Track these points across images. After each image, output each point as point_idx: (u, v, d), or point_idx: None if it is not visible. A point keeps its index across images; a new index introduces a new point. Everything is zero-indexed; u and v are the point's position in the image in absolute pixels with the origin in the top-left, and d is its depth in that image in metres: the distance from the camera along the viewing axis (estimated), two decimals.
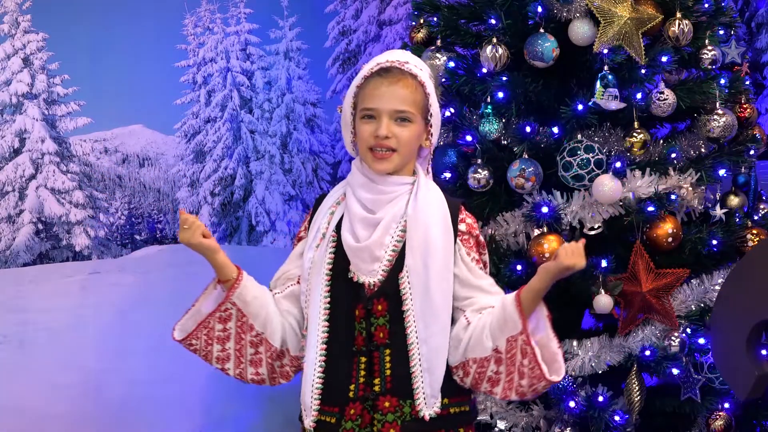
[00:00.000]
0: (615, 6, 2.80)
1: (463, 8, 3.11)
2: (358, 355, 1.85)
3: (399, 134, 1.86)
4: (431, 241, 1.86)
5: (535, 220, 2.82)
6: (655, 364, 2.82)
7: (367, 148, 1.87)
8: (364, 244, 1.85)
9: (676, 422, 2.98)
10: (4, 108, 12.36)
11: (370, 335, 1.85)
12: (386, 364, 1.84)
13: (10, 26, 12.12)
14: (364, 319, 1.86)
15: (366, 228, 1.87)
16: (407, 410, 1.83)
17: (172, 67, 12.41)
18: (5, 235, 11.99)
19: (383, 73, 1.88)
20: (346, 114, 1.93)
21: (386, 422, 1.83)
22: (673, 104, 2.88)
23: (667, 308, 2.79)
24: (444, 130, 3.06)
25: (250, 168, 12.45)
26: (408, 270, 1.85)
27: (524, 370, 1.82)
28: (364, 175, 1.90)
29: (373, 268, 1.85)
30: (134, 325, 5.68)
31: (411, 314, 1.84)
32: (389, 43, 12.49)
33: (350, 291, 1.86)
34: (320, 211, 1.96)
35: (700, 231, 2.90)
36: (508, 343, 1.83)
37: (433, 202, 1.90)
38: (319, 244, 1.90)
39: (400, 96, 1.86)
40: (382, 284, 1.85)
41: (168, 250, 10.72)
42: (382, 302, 1.85)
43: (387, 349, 1.85)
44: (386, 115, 1.86)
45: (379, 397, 1.84)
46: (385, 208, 1.88)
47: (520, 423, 2.89)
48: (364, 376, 1.85)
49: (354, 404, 1.84)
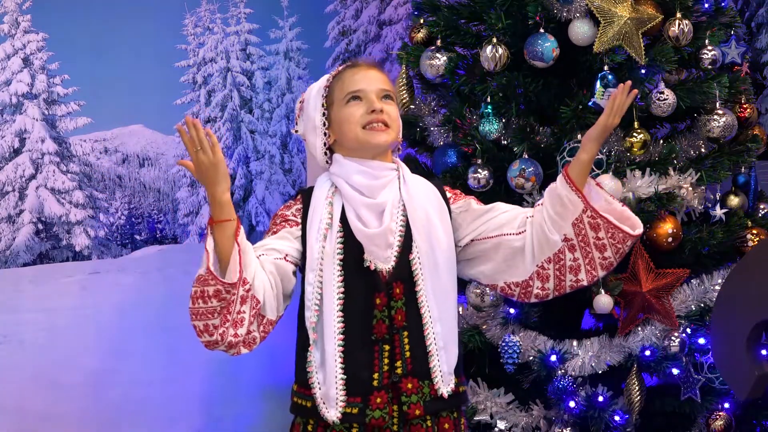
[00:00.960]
0: (615, 6, 2.80)
1: (463, 8, 3.11)
2: (380, 343, 1.87)
3: (388, 110, 1.93)
4: (432, 221, 1.91)
5: None
6: (655, 364, 2.82)
7: (360, 127, 1.91)
8: (380, 230, 1.86)
9: (676, 422, 2.98)
10: (4, 108, 12.37)
11: (392, 320, 1.87)
12: (405, 347, 1.87)
13: (10, 26, 12.12)
14: (386, 306, 1.87)
15: (372, 213, 1.89)
16: (426, 390, 1.87)
17: (172, 67, 12.41)
18: (5, 235, 11.99)
19: (355, 64, 1.98)
20: (315, 118, 1.97)
21: (411, 403, 1.86)
22: (673, 104, 2.88)
23: (667, 308, 2.79)
24: (444, 130, 3.06)
25: (250, 168, 12.46)
26: (418, 251, 1.88)
27: (603, 243, 1.88)
28: (357, 163, 1.93)
29: (387, 254, 1.87)
30: (134, 325, 5.69)
31: (424, 294, 1.87)
32: (389, 43, 12.49)
33: (366, 280, 1.87)
34: (315, 201, 1.94)
35: (700, 231, 2.90)
36: (575, 227, 1.88)
37: (422, 185, 1.97)
38: (326, 234, 1.89)
39: (380, 77, 1.96)
40: (395, 268, 1.87)
41: (168, 250, 10.73)
42: (399, 285, 1.88)
43: (405, 332, 1.87)
44: (373, 93, 1.92)
45: (402, 380, 1.86)
46: (382, 193, 1.91)
47: (520, 423, 2.89)
48: (387, 363, 1.86)
49: (379, 393, 1.85)
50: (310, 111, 1.98)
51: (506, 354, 2.84)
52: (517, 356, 2.84)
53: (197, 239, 13.59)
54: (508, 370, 2.86)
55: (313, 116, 1.97)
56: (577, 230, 1.88)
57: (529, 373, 2.91)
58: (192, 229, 13.13)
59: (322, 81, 2.00)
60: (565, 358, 2.83)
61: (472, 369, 2.95)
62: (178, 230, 13.73)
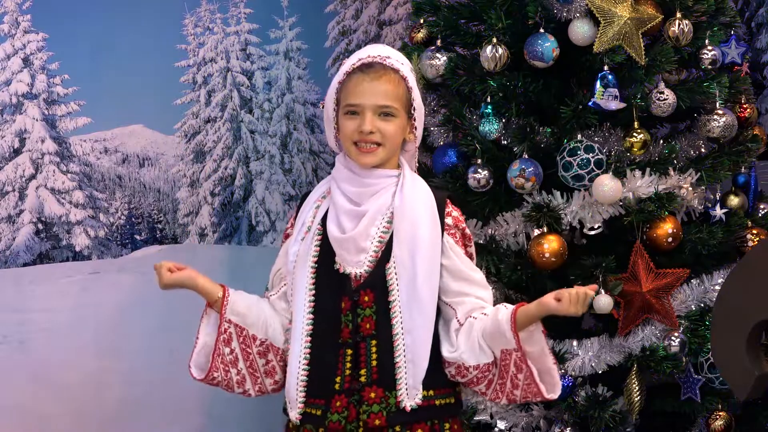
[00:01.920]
0: (615, 6, 2.80)
1: (463, 8, 3.11)
2: (344, 347, 1.86)
3: (383, 128, 1.88)
4: (418, 233, 1.86)
5: (535, 220, 2.82)
6: (655, 364, 2.82)
7: (351, 142, 1.89)
8: (348, 235, 1.86)
9: (676, 422, 2.98)
10: (4, 108, 12.36)
11: (357, 327, 1.86)
12: (372, 355, 1.85)
13: (10, 26, 12.12)
14: (350, 311, 1.86)
15: (351, 220, 1.88)
16: (392, 401, 1.84)
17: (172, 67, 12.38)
18: (5, 235, 11.97)
19: (365, 69, 1.89)
20: (328, 110, 1.94)
21: (371, 413, 1.83)
22: (673, 104, 2.88)
23: (667, 308, 2.79)
24: (444, 130, 3.06)
25: (250, 168, 12.46)
26: (395, 261, 1.86)
27: (518, 383, 1.84)
28: (349, 168, 1.92)
29: (359, 259, 1.86)
30: (134, 325, 5.68)
31: (397, 305, 1.85)
32: (389, 43, 12.49)
33: (336, 283, 1.87)
34: (305, 206, 1.97)
35: (700, 231, 2.90)
36: (503, 353, 1.85)
37: (420, 195, 1.91)
38: (304, 237, 1.91)
39: (383, 91, 1.88)
40: (369, 275, 1.86)
41: (168, 250, 10.71)
42: (368, 293, 1.86)
43: (373, 340, 1.85)
44: (370, 111, 1.87)
45: (365, 388, 1.84)
46: (370, 200, 1.89)
47: (520, 423, 2.89)
48: (350, 368, 1.86)
49: (339, 396, 1.85)
50: (328, 98, 1.96)
51: None
52: None
53: (197, 239, 13.62)
54: None
55: (328, 107, 1.95)
56: (504, 357, 1.85)
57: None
58: (192, 229, 13.14)
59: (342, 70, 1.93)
60: (565, 358, 2.83)
61: None
62: (178, 230, 13.73)
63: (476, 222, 2.95)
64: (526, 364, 1.81)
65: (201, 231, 12.74)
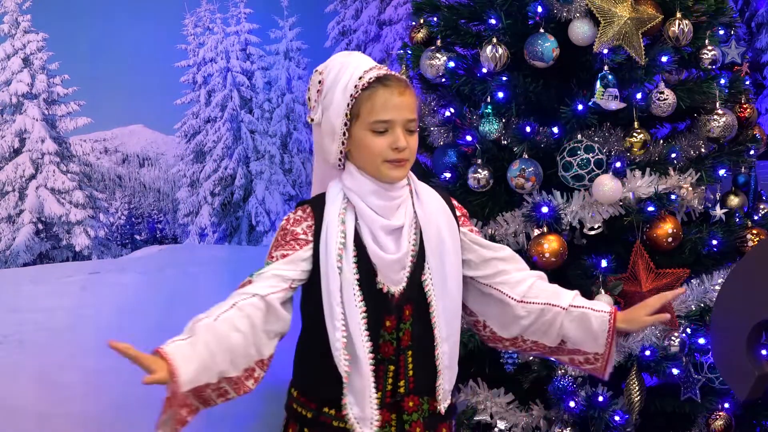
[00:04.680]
0: (615, 6, 2.80)
1: (463, 8, 3.11)
2: (385, 363, 1.85)
3: (411, 143, 1.85)
4: (444, 239, 1.89)
5: (535, 220, 2.82)
6: (655, 364, 2.82)
7: (381, 160, 1.83)
8: (398, 257, 1.84)
9: (676, 422, 2.98)
10: (4, 108, 12.36)
11: (399, 341, 1.86)
12: (409, 365, 1.87)
13: (10, 26, 12.12)
14: (395, 328, 1.86)
15: (387, 236, 1.85)
16: (426, 407, 1.89)
17: (172, 67, 12.41)
18: (5, 235, 12.00)
19: (386, 82, 1.84)
20: (334, 124, 1.85)
21: (412, 421, 1.87)
22: (673, 104, 2.88)
23: (667, 308, 2.79)
24: (444, 130, 3.06)
25: (250, 168, 12.46)
26: (430, 271, 1.87)
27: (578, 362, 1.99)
28: (370, 180, 1.86)
29: (399, 277, 1.85)
30: (134, 325, 5.68)
31: (436, 315, 1.86)
32: (389, 43, 12.48)
33: (376, 301, 1.85)
34: (329, 219, 1.86)
35: (700, 231, 2.90)
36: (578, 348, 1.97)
37: (434, 200, 1.93)
38: (341, 254, 1.83)
39: (410, 106, 1.85)
40: (406, 289, 1.86)
41: (168, 250, 10.73)
42: (409, 307, 1.87)
43: (409, 351, 1.87)
44: (400, 126, 1.83)
45: (404, 399, 1.87)
46: (396, 214, 1.86)
47: (520, 423, 2.89)
48: (391, 382, 1.86)
49: (381, 411, 1.84)
50: (331, 112, 1.85)
51: (506, 354, 2.84)
52: (517, 356, 2.84)
53: (197, 239, 13.56)
54: (508, 370, 2.86)
55: (334, 121, 1.85)
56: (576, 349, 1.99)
57: (529, 373, 2.91)
58: (192, 229, 13.12)
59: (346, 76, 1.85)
60: None
61: (472, 369, 2.95)
62: (178, 230, 13.72)
63: (476, 222, 2.95)
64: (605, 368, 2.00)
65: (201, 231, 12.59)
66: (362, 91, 1.82)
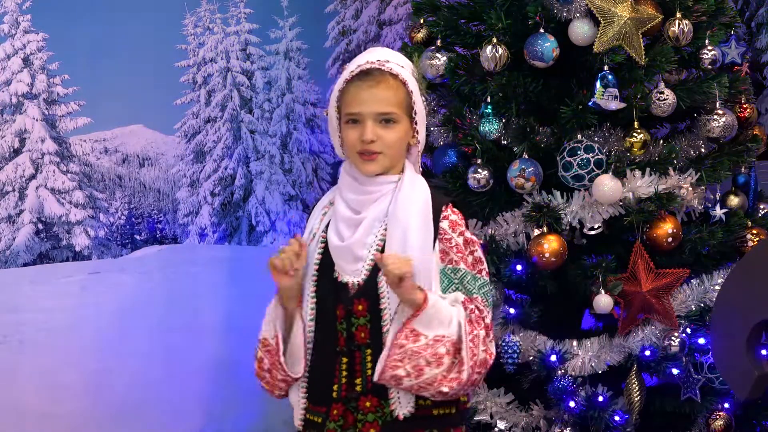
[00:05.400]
0: (615, 6, 2.80)
1: (463, 8, 3.11)
2: (340, 356, 1.86)
3: (384, 136, 1.85)
4: (409, 240, 1.83)
5: (535, 220, 2.82)
6: (655, 364, 2.82)
7: (354, 152, 1.87)
8: (345, 244, 1.85)
9: (676, 422, 2.98)
10: (4, 108, 12.36)
11: (351, 335, 1.85)
12: (367, 364, 1.84)
13: (10, 26, 12.12)
14: (344, 319, 1.85)
15: (349, 228, 1.87)
16: (387, 410, 1.83)
17: (172, 67, 12.42)
18: (5, 235, 11.99)
19: (363, 77, 1.86)
20: (332, 119, 1.93)
21: (366, 422, 1.83)
22: (673, 104, 2.88)
23: (667, 308, 2.79)
24: (444, 130, 3.06)
25: (250, 168, 12.45)
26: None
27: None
28: (351, 176, 1.91)
29: (356, 267, 1.85)
30: (134, 325, 5.69)
31: (388, 314, 1.82)
32: (389, 43, 12.47)
33: (334, 291, 1.86)
34: (314, 213, 1.98)
35: (700, 231, 2.90)
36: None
37: (415, 200, 1.87)
38: (310, 244, 1.91)
39: (382, 98, 1.85)
40: (364, 284, 1.85)
41: (168, 250, 10.73)
42: (362, 302, 1.84)
43: (368, 349, 1.84)
44: (370, 119, 1.85)
45: (360, 397, 1.84)
46: (369, 208, 1.88)
47: (520, 423, 2.89)
48: (346, 376, 1.85)
49: (337, 405, 1.85)
50: (330, 107, 1.95)
51: (506, 354, 2.83)
52: (517, 356, 2.84)
53: (197, 239, 13.57)
54: (508, 370, 2.86)
55: (332, 115, 1.94)
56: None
57: (529, 373, 2.91)
58: (192, 229, 13.12)
59: (341, 78, 1.91)
60: (565, 358, 2.83)
61: None
62: (178, 230, 13.71)
63: (476, 222, 2.95)
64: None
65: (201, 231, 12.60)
66: (345, 85, 1.88)
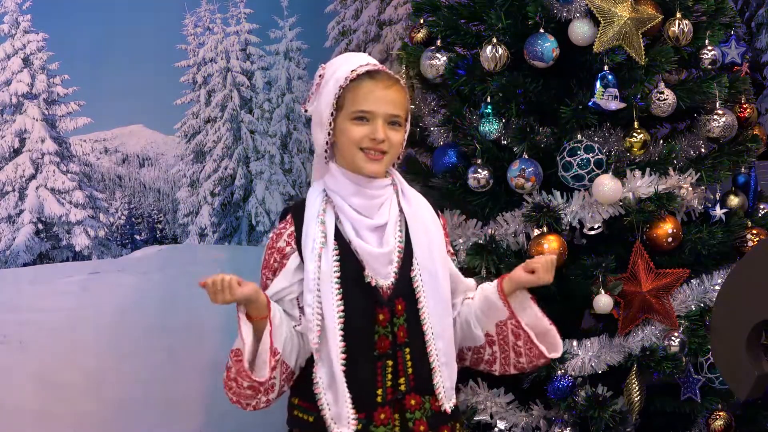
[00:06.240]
0: (615, 6, 2.80)
1: (463, 8, 3.11)
2: (383, 359, 1.87)
3: (392, 137, 1.90)
4: (431, 236, 1.92)
5: (535, 220, 2.82)
6: (655, 364, 2.81)
7: (357, 148, 1.88)
8: (386, 251, 1.87)
9: (676, 422, 2.98)
10: (4, 108, 12.35)
11: (395, 336, 1.87)
12: (408, 363, 1.88)
13: (10, 26, 12.11)
14: (389, 322, 1.87)
15: (373, 233, 1.90)
16: (428, 406, 1.90)
17: (172, 67, 12.39)
18: (5, 235, 11.97)
19: (374, 76, 1.90)
20: (322, 114, 1.92)
21: (415, 419, 1.88)
22: (673, 104, 2.88)
23: (667, 308, 2.79)
24: (444, 130, 3.06)
25: (250, 168, 12.45)
26: (419, 266, 1.89)
27: (520, 350, 1.95)
28: (348, 179, 1.91)
29: (387, 270, 1.88)
30: (134, 325, 5.67)
31: (426, 310, 1.88)
32: (389, 43, 12.47)
33: (367, 296, 1.87)
34: (308, 221, 1.91)
35: (700, 231, 2.90)
36: (498, 327, 1.94)
37: (421, 200, 1.98)
38: (320, 253, 1.87)
39: (395, 100, 1.90)
40: (396, 284, 1.88)
41: (168, 250, 10.71)
42: (401, 302, 1.88)
43: (407, 348, 1.88)
44: (381, 119, 1.88)
45: (405, 396, 1.88)
46: (379, 212, 1.90)
47: (520, 423, 2.89)
48: (390, 378, 1.87)
49: (383, 408, 1.86)
50: (322, 102, 1.92)
51: None
52: None
53: (197, 239, 13.59)
54: None
55: (323, 111, 1.92)
56: (499, 330, 1.96)
57: (529, 373, 2.91)
58: (192, 229, 13.12)
59: (341, 71, 1.91)
60: (565, 358, 2.83)
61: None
62: (178, 230, 13.71)
63: (476, 222, 2.95)
64: (523, 330, 1.92)
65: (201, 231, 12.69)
66: (350, 82, 1.88)
